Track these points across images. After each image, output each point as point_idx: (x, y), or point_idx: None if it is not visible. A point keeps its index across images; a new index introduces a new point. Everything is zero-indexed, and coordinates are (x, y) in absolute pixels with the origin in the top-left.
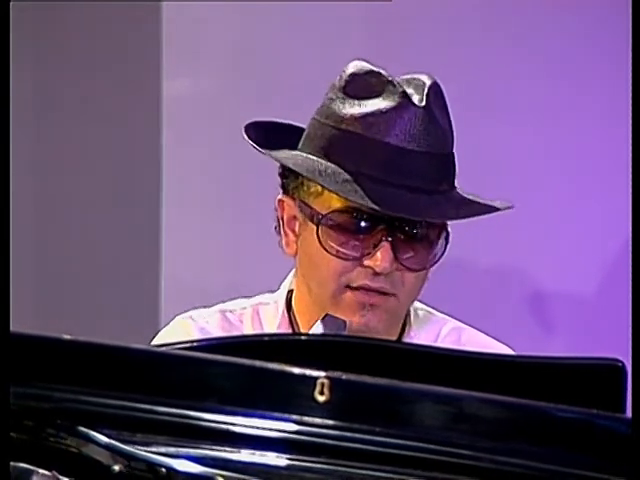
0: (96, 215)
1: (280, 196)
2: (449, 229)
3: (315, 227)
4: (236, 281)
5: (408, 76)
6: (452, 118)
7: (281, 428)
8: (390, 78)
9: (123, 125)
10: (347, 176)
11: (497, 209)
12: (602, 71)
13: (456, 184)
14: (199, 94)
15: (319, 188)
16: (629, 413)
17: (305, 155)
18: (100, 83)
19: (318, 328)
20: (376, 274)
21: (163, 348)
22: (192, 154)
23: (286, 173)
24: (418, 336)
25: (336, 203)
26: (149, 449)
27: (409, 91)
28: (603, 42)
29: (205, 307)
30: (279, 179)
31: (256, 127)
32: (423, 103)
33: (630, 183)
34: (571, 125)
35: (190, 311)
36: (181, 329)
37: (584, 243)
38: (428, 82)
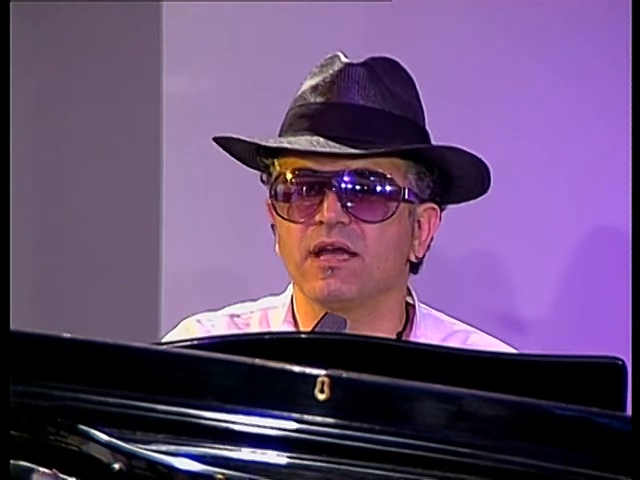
0: (96, 213)
1: (267, 200)
2: (408, 182)
3: (271, 199)
4: (236, 279)
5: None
6: (420, 95)
7: (281, 426)
8: (337, 53)
9: (123, 124)
10: (288, 137)
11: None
12: (604, 67)
13: None
14: (199, 93)
15: (277, 171)
16: (629, 411)
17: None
18: (101, 82)
19: (319, 327)
20: (330, 228)
21: (163, 346)
22: (192, 152)
23: (263, 177)
24: (425, 336)
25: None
26: (149, 447)
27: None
28: (604, 40)
29: (206, 308)
30: (263, 185)
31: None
32: (359, 66)
33: (630, 182)
34: (571, 125)
35: (197, 314)
36: (188, 332)
37: (585, 242)
38: (378, 55)
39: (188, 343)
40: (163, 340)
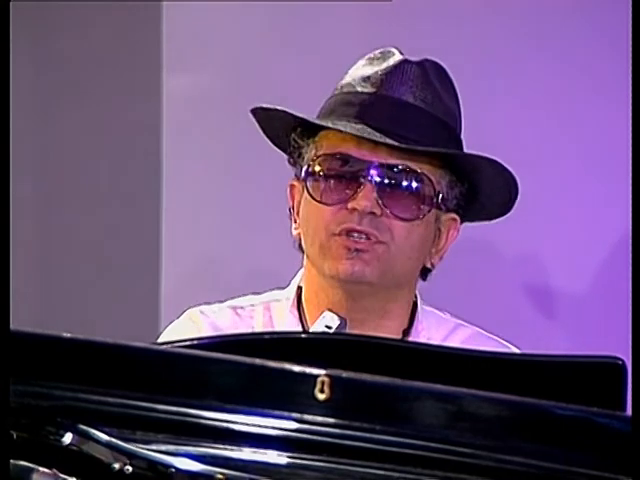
0: (96, 211)
1: (291, 181)
2: (441, 188)
3: (304, 179)
4: (236, 279)
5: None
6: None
7: (281, 426)
8: (390, 48)
9: (123, 123)
10: (329, 119)
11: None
12: (607, 66)
13: None
14: (199, 92)
15: (312, 152)
16: (629, 411)
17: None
18: (101, 81)
19: (319, 326)
20: (361, 217)
21: (163, 346)
22: (192, 152)
23: (291, 159)
24: (428, 333)
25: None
26: (149, 447)
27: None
28: (607, 35)
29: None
30: (290, 167)
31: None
32: (414, 64)
33: (630, 179)
34: (574, 123)
35: (201, 305)
36: (191, 323)
37: (586, 242)
38: (431, 58)
39: (188, 343)
40: (166, 330)
